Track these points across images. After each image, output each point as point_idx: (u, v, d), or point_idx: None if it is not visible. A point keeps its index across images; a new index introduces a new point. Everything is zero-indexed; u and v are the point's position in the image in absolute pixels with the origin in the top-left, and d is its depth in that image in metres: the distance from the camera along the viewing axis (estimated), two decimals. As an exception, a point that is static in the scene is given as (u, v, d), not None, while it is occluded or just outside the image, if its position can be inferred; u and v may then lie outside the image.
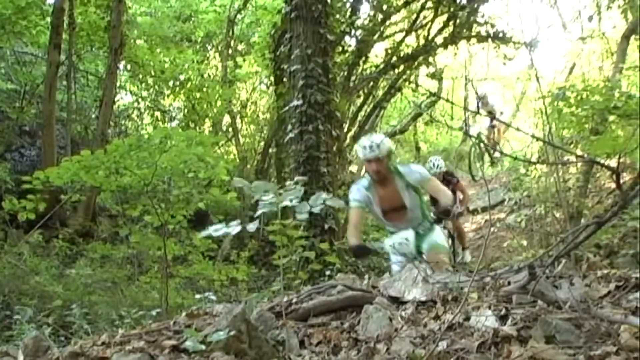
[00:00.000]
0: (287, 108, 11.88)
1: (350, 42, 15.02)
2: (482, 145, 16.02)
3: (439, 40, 15.11)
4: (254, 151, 18.19)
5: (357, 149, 6.36)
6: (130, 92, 19.99)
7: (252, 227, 3.20)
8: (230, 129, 18.81)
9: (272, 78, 15.92)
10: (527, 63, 21.10)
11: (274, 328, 3.43)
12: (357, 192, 6.35)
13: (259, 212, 3.24)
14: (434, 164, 12.16)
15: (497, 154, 16.77)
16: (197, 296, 7.39)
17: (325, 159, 10.97)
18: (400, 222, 6.28)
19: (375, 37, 15.30)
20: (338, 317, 3.76)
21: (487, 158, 17.81)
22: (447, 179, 12.20)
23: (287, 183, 3.37)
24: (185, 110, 19.10)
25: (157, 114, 19.79)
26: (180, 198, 7.99)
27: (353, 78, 14.86)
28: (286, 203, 3.21)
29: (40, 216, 8.80)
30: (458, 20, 14.73)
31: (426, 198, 7.22)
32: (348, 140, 15.61)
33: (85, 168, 7.20)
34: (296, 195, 3.24)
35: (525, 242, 12.83)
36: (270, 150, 16.53)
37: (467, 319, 3.19)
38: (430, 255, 6.25)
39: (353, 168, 17.21)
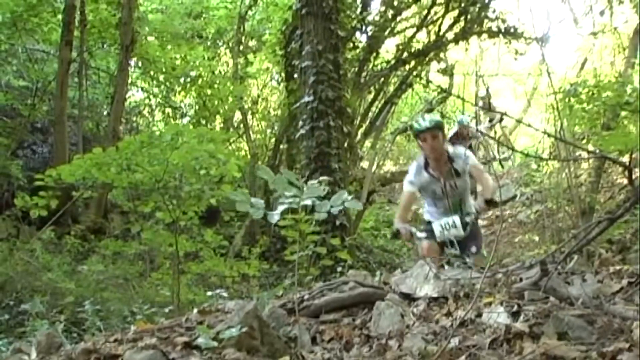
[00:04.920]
0: (298, 104, 11.88)
1: (361, 38, 15.00)
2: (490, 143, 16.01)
3: (450, 35, 15.06)
4: (265, 147, 18.16)
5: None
6: (142, 88, 20.01)
7: (275, 218, 3.20)
8: (242, 126, 18.79)
9: (283, 74, 15.90)
10: (538, 58, 21.00)
11: (286, 324, 3.44)
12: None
13: (281, 207, 3.23)
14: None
15: (504, 154, 16.70)
16: (209, 293, 7.43)
17: (336, 155, 10.96)
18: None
19: (386, 33, 15.27)
20: (350, 313, 3.77)
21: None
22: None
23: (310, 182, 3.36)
24: (197, 107, 19.10)
25: (169, 110, 19.81)
26: (192, 194, 7.99)
27: (364, 74, 14.84)
28: (307, 202, 3.21)
29: (52, 213, 8.84)
30: (469, 16, 14.69)
31: None
32: (359, 137, 15.61)
33: (97, 165, 7.22)
34: (319, 195, 3.24)
35: (537, 238, 12.82)
36: (281, 147, 16.50)
37: (479, 315, 3.19)
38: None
39: (364, 164, 17.19)
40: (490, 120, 16.85)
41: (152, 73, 18.27)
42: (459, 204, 6.46)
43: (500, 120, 17.09)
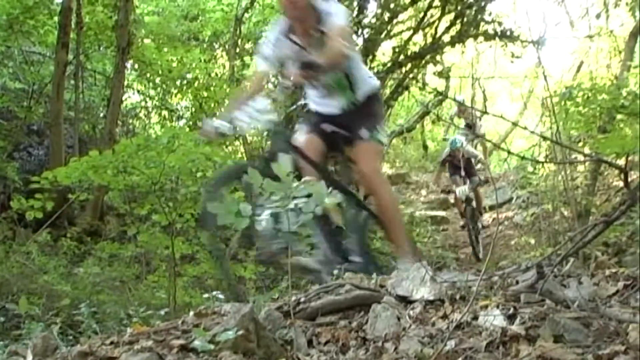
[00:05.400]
0: (294, 107, 11.89)
1: (358, 41, 15.01)
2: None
3: (446, 38, 15.09)
4: (261, 150, 18.15)
5: None
6: (138, 91, 20.00)
7: (262, 224, 3.20)
8: (238, 128, 18.79)
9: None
10: (534, 61, 21.07)
11: (282, 327, 3.43)
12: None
13: (267, 212, 3.23)
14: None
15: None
16: (205, 295, 7.42)
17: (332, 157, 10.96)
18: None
19: (383, 35, 15.28)
20: (346, 316, 3.76)
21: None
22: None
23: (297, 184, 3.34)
24: (193, 109, 19.09)
25: (165, 112, 19.81)
26: (188, 197, 8.00)
27: (360, 77, 14.84)
28: (294, 204, 3.19)
29: (48, 215, 8.84)
30: (465, 19, 14.71)
31: None
32: (355, 139, 15.59)
33: (93, 167, 7.23)
34: (304, 196, 3.22)
35: (533, 241, 12.83)
36: (278, 149, 16.51)
37: (475, 318, 3.19)
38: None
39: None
40: (469, 127, 16.72)
41: (148, 75, 18.25)
42: (345, 80, 5.00)
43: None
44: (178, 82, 18.28)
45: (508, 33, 14.55)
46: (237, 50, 19.09)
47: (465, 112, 17.02)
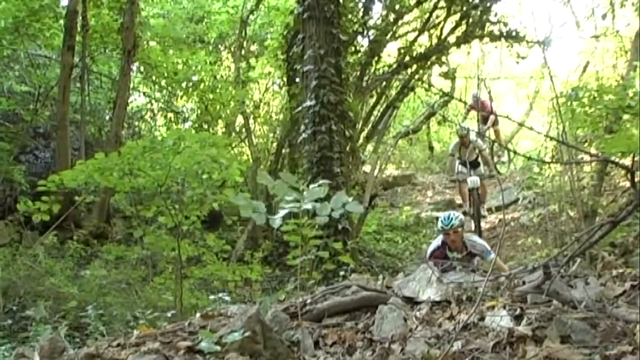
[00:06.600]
0: (300, 108, 11.88)
1: (363, 42, 14.99)
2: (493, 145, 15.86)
3: (452, 39, 15.04)
4: (267, 152, 18.14)
5: None
6: (144, 93, 20.02)
7: (277, 222, 3.18)
8: (244, 130, 18.77)
9: (285, 79, 15.90)
10: (540, 62, 21.01)
11: (289, 329, 3.44)
12: None
13: (283, 211, 3.21)
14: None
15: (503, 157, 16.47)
16: (212, 297, 7.43)
17: (338, 159, 10.96)
18: None
19: (388, 36, 15.26)
20: (352, 317, 3.76)
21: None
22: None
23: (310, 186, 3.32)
24: (199, 112, 19.08)
25: (171, 115, 19.82)
26: (194, 199, 8.00)
27: (366, 78, 14.83)
28: (307, 206, 3.18)
29: (54, 218, 8.84)
30: (471, 19, 14.66)
31: None
32: (361, 140, 15.59)
33: (99, 170, 7.24)
34: (319, 198, 3.21)
35: (539, 241, 12.79)
36: (283, 151, 16.51)
37: (482, 319, 3.19)
38: None
39: (366, 168, 17.18)
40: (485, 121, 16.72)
41: (154, 78, 18.29)
42: None
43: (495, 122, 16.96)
44: (183, 85, 18.32)
45: (514, 34, 14.50)
46: (243, 52, 19.07)
47: (469, 144, 14.66)
